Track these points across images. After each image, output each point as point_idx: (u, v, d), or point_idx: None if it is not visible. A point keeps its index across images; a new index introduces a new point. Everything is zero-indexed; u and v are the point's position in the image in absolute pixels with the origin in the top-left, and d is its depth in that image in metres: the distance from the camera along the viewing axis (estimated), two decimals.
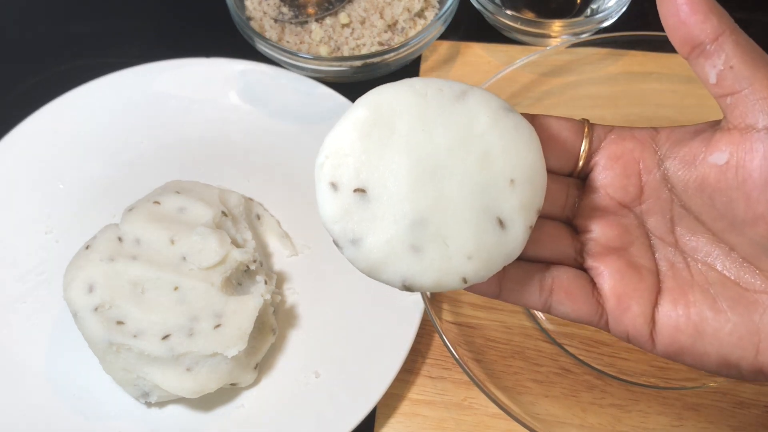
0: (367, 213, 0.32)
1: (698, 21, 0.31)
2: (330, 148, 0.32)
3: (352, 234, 0.32)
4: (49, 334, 0.54)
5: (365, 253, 0.32)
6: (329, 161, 0.32)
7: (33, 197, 0.59)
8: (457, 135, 0.32)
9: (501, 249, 0.32)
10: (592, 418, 0.49)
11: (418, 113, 0.32)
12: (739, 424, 0.48)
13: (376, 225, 0.31)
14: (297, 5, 0.66)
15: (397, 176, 0.32)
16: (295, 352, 0.53)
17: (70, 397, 0.52)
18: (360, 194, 0.32)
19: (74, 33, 0.71)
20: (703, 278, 0.34)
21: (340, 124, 0.33)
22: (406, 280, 0.32)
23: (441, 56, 0.66)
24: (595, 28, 0.63)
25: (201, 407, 0.51)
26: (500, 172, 0.32)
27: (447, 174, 0.32)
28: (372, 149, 0.32)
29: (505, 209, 0.32)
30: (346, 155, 0.32)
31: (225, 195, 0.56)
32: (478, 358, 0.51)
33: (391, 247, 0.31)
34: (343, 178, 0.32)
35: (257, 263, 0.53)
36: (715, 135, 0.32)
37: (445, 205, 0.32)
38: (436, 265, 0.32)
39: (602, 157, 0.35)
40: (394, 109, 0.32)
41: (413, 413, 0.51)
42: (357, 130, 0.32)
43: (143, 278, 0.50)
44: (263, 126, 0.62)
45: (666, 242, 0.35)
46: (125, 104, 0.63)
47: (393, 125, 0.32)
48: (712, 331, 0.33)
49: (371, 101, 0.32)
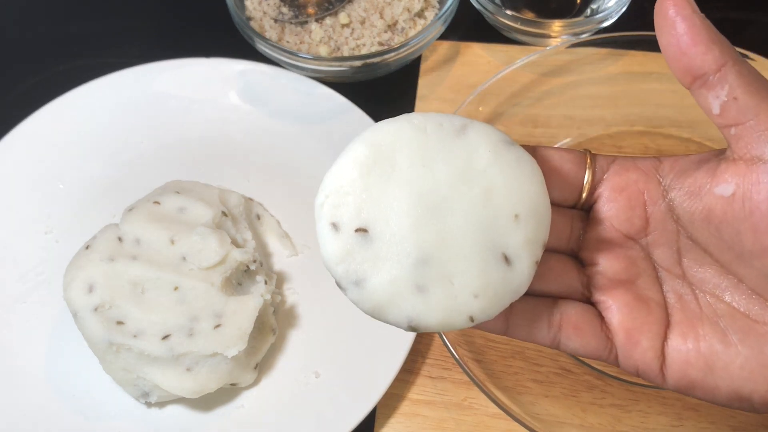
0: (370, 253, 0.31)
1: (700, 52, 0.30)
2: (330, 187, 0.32)
3: (355, 275, 0.31)
4: (49, 334, 0.54)
5: (369, 295, 0.31)
6: (329, 200, 0.31)
7: (33, 197, 0.59)
8: (458, 170, 0.32)
9: (508, 286, 0.31)
10: (592, 418, 0.49)
11: (418, 149, 0.32)
12: (739, 424, 0.48)
13: (379, 265, 0.31)
14: (297, 5, 0.66)
15: (399, 214, 0.31)
16: (295, 352, 0.53)
17: (70, 397, 0.52)
18: (362, 234, 0.31)
19: (74, 33, 0.71)
20: (711, 310, 0.33)
21: (339, 162, 0.32)
22: (411, 321, 0.31)
23: (441, 56, 0.66)
24: (595, 28, 0.63)
25: (201, 407, 0.51)
26: (504, 207, 0.31)
27: (449, 210, 0.31)
28: (373, 187, 0.31)
29: (510, 245, 0.31)
30: (347, 194, 0.31)
31: (225, 195, 0.56)
32: (478, 358, 0.51)
33: (396, 288, 0.31)
34: (344, 217, 0.31)
35: (257, 263, 0.53)
36: (720, 165, 0.32)
37: (449, 243, 0.31)
38: (442, 305, 0.31)
39: (606, 188, 0.35)
40: (393, 145, 0.32)
41: (413, 413, 0.51)
42: (357, 168, 0.31)
43: (143, 278, 0.50)
44: (263, 126, 0.62)
45: (673, 274, 0.34)
46: (125, 104, 0.63)
47: (393, 162, 0.31)
48: (722, 365, 0.32)
49: (370, 138, 0.32)
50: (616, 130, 0.60)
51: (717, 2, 0.67)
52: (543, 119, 0.60)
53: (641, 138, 0.59)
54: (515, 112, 0.60)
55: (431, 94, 0.64)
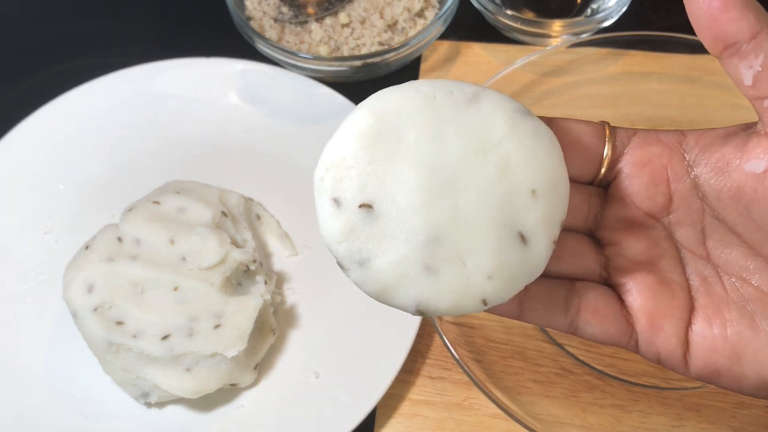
0: (375, 231, 0.29)
1: (733, 18, 0.28)
2: (331, 160, 0.29)
3: (359, 255, 0.29)
4: (49, 334, 0.54)
5: (374, 276, 0.29)
6: (330, 174, 0.29)
7: (32, 197, 0.59)
8: (471, 142, 0.29)
9: (523, 267, 0.29)
10: (592, 418, 0.49)
11: (427, 118, 0.29)
12: (739, 424, 0.48)
13: (385, 244, 0.29)
14: (297, 5, 0.66)
15: (407, 189, 0.29)
16: (295, 353, 0.53)
17: (70, 397, 0.52)
18: (366, 210, 0.29)
19: (74, 33, 0.71)
20: (738, 294, 0.31)
21: (340, 133, 0.30)
22: (420, 304, 0.29)
23: (441, 56, 0.66)
24: (595, 28, 0.63)
25: (201, 407, 0.51)
26: (521, 183, 0.29)
27: (462, 186, 0.29)
28: (378, 159, 0.29)
29: (527, 223, 0.29)
30: (350, 167, 0.29)
31: (225, 195, 0.56)
32: (478, 358, 0.51)
33: (403, 269, 0.28)
34: (347, 192, 0.29)
35: (257, 263, 0.53)
36: (751, 140, 0.30)
37: (461, 220, 0.29)
38: (453, 287, 0.29)
39: (627, 163, 0.33)
40: (400, 114, 0.29)
41: (413, 413, 0.51)
42: (360, 139, 0.29)
43: (143, 278, 0.50)
44: (263, 126, 0.62)
45: (697, 255, 0.33)
46: (125, 104, 0.63)
47: (400, 132, 0.29)
48: (751, 352, 0.30)
49: (374, 106, 0.30)
50: None
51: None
52: None
53: None
54: None
55: None
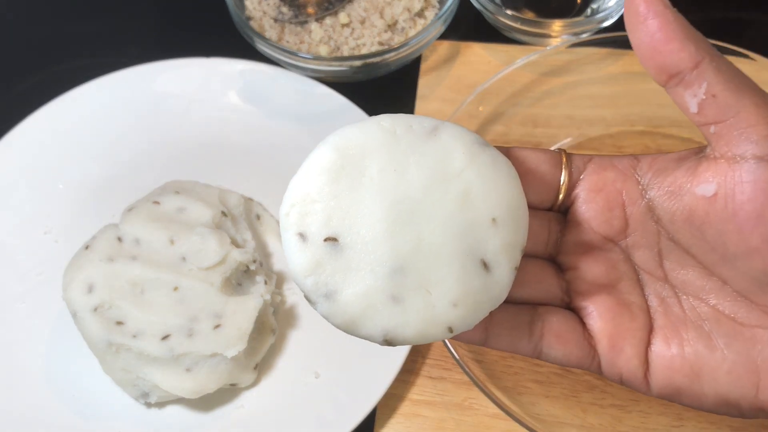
0: (341, 263, 0.29)
1: (674, 49, 0.29)
2: (295, 195, 0.30)
3: (325, 288, 0.30)
4: (49, 334, 0.54)
5: (342, 308, 0.30)
6: (295, 209, 0.30)
7: (32, 197, 0.59)
8: (432, 174, 0.30)
9: (487, 293, 0.30)
10: (592, 418, 0.49)
11: (388, 153, 0.30)
12: (739, 424, 0.48)
13: (351, 276, 0.29)
14: (297, 5, 0.66)
15: (371, 222, 0.29)
16: (295, 353, 0.53)
17: (70, 397, 0.52)
18: (332, 243, 0.29)
19: (74, 33, 0.71)
20: (695, 314, 0.32)
21: (304, 169, 0.30)
22: (387, 334, 0.30)
23: (441, 56, 0.66)
24: (595, 28, 0.63)
25: (201, 407, 0.51)
26: (481, 212, 0.30)
27: (425, 216, 0.30)
28: (342, 194, 0.30)
29: (489, 250, 0.30)
30: (314, 201, 0.30)
31: (225, 195, 0.56)
32: (478, 358, 0.50)
33: (370, 300, 0.29)
34: (312, 227, 0.30)
35: (257, 263, 0.53)
36: (701, 164, 0.31)
37: (425, 250, 0.29)
38: (420, 316, 0.29)
39: (583, 189, 0.34)
40: (362, 149, 0.30)
41: (413, 414, 0.51)
42: (324, 174, 0.30)
43: (143, 278, 0.50)
44: (263, 126, 0.62)
45: (655, 277, 0.33)
46: (125, 104, 0.63)
47: (363, 167, 0.30)
48: (709, 371, 0.31)
49: (336, 143, 0.30)
50: (616, 130, 0.60)
51: (717, 2, 0.67)
52: (543, 119, 0.60)
53: (642, 138, 0.59)
54: (515, 112, 0.60)
55: (431, 93, 0.64)
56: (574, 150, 0.59)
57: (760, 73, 0.57)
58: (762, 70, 0.57)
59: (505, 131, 0.60)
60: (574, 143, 0.60)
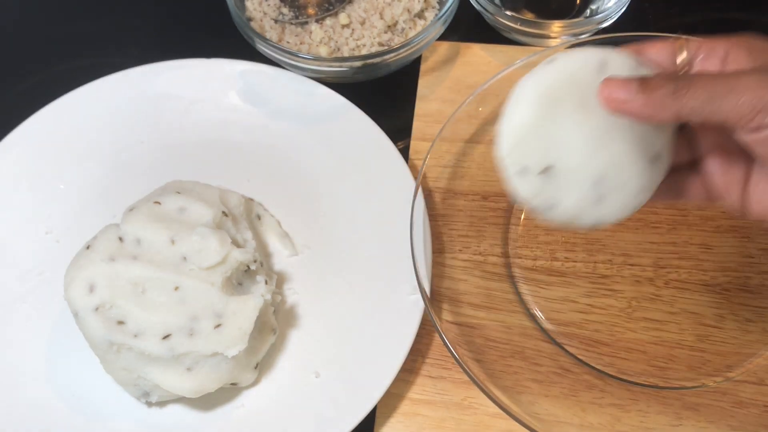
0: (555, 185, 0.38)
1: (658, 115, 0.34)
2: (513, 135, 0.37)
3: (546, 204, 0.38)
4: (50, 334, 0.54)
5: (561, 214, 0.39)
6: (516, 149, 0.37)
7: (34, 197, 0.59)
8: None
9: (660, 174, 0.39)
10: (591, 417, 0.49)
11: (576, 90, 0.37)
12: (738, 423, 0.48)
13: (564, 192, 0.38)
14: (297, 6, 0.66)
15: (575, 148, 0.37)
16: (296, 352, 0.53)
17: (71, 396, 0.52)
18: (547, 171, 0.38)
19: (75, 33, 0.71)
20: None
21: (516, 109, 0.37)
22: (596, 222, 0.39)
23: (441, 57, 0.66)
24: (594, 29, 0.63)
25: (201, 407, 0.51)
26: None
27: (610, 136, 0.37)
28: (551, 131, 0.37)
29: (656, 147, 0.38)
30: (527, 141, 0.37)
31: (225, 195, 0.56)
32: (477, 357, 0.51)
33: (581, 205, 0.38)
34: (531, 161, 0.37)
35: (257, 263, 0.53)
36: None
37: (615, 161, 0.38)
38: (619, 206, 0.39)
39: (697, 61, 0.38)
40: (554, 90, 0.37)
41: (413, 413, 0.51)
42: (532, 116, 0.37)
43: (144, 278, 0.50)
44: (263, 126, 0.62)
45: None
46: (126, 105, 0.63)
47: (562, 103, 0.37)
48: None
49: (536, 88, 0.37)
50: None
51: (717, 2, 0.67)
52: None
53: None
54: None
55: (431, 94, 0.64)
56: None
57: None
58: None
59: None
60: None
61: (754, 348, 0.51)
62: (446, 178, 0.58)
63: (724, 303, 0.53)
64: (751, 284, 0.53)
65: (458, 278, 0.54)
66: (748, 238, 0.55)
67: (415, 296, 0.52)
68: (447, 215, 0.57)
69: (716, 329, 0.52)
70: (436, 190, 0.58)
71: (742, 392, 0.49)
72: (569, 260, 0.55)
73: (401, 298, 0.52)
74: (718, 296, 0.53)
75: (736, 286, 0.53)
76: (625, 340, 0.52)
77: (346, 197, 0.58)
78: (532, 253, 0.56)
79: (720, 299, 0.53)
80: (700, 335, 0.52)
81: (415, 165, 0.60)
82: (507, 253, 0.56)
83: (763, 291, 0.53)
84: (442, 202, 0.57)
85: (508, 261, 0.56)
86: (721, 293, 0.53)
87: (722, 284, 0.53)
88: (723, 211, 0.56)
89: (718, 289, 0.53)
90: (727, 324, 0.52)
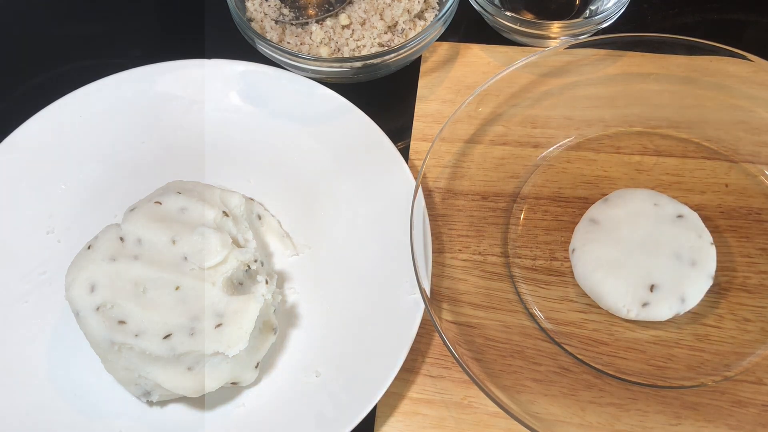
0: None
1: None
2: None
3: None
4: (51, 333, 0.54)
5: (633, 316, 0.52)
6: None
7: (35, 197, 0.60)
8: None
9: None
10: (590, 416, 0.49)
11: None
12: (737, 422, 0.48)
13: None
14: (297, 7, 0.66)
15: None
16: (296, 352, 0.53)
17: (72, 396, 0.52)
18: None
19: (76, 35, 0.72)
20: None
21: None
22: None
23: (441, 57, 0.66)
24: (593, 30, 0.63)
25: (202, 406, 0.51)
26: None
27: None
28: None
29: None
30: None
31: (226, 195, 0.56)
32: (477, 357, 0.51)
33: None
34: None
35: (258, 263, 0.53)
36: None
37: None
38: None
39: None
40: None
41: (413, 412, 0.51)
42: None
43: (145, 278, 0.50)
44: (264, 127, 0.62)
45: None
46: (127, 105, 0.63)
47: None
48: None
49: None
50: (614, 130, 0.60)
51: (716, 3, 0.67)
52: (542, 120, 0.61)
53: (639, 138, 0.60)
54: (514, 113, 0.61)
55: (431, 94, 0.64)
56: (573, 150, 0.60)
57: (757, 74, 0.58)
58: (760, 72, 0.57)
59: (505, 132, 0.60)
60: (573, 144, 0.60)
61: (752, 347, 0.51)
62: (446, 178, 0.58)
63: (723, 303, 0.53)
64: (750, 284, 0.53)
65: (458, 278, 0.55)
66: (747, 238, 0.55)
67: (415, 296, 0.52)
68: (447, 215, 0.57)
69: (715, 329, 0.52)
70: (436, 190, 0.58)
71: (740, 391, 0.49)
72: (569, 260, 0.55)
73: (401, 298, 0.52)
74: (716, 296, 0.53)
75: (735, 285, 0.53)
76: (624, 339, 0.52)
77: (346, 197, 0.58)
78: (531, 253, 0.56)
79: (719, 299, 0.53)
80: (699, 335, 0.52)
81: (415, 165, 0.61)
82: (506, 253, 0.56)
83: (762, 291, 0.53)
84: (442, 202, 0.58)
85: (508, 261, 0.56)
86: (719, 293, 0.53)
87: (721, 284, 0.53)
88: (722, 211, 0.56)
89: (716, 288, 0.53)
90: (726, 324, 0.52)
